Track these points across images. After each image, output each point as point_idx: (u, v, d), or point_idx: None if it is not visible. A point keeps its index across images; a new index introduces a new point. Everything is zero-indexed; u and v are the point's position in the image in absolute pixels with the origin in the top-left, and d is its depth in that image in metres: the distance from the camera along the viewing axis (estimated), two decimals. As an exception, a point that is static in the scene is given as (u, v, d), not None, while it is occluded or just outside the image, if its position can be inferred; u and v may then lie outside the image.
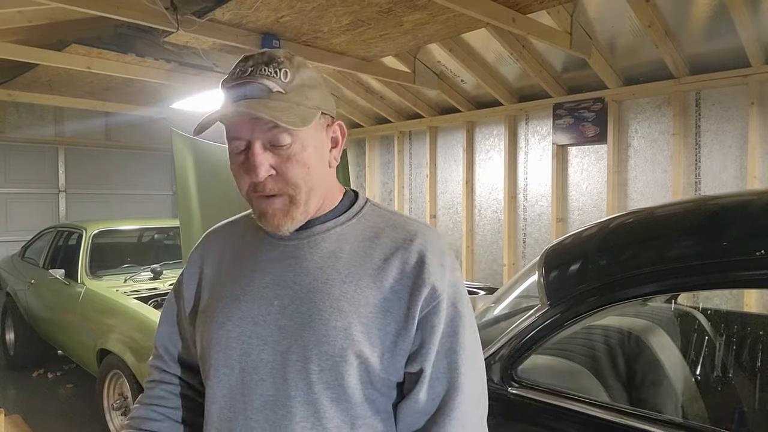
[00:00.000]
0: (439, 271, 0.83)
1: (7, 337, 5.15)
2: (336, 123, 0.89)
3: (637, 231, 1.46)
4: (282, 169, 0.82)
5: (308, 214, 0.86)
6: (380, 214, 0.92)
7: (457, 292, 0.85)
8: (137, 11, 3.22)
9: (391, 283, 0.83)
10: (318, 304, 0.82)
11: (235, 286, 0.90)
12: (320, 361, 0.80)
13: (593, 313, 1.38)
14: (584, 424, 1.32)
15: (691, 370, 1.73)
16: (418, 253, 0.84)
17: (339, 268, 0.85)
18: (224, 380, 0.86)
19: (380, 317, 0.81)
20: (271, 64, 0.82)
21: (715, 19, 3.48)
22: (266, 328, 0.84)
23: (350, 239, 0.88)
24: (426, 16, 3.54)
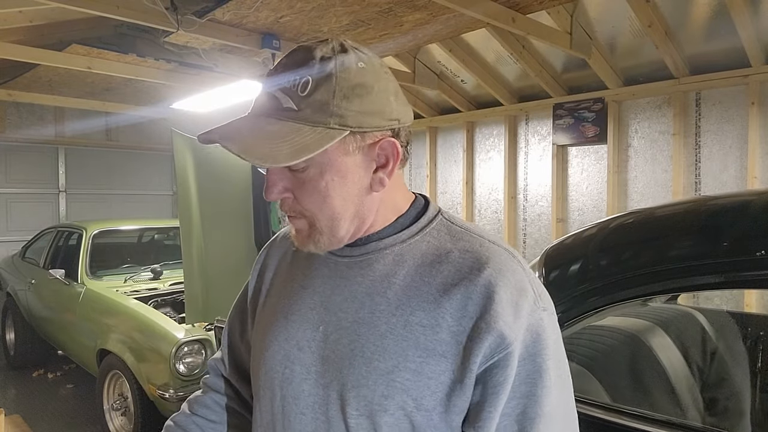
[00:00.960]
0: (512, 312, 0.66)
1: (8, 337, 5.15)
2: (385, 139, 0.71)
3: (638, 231, 1.46)
4: (297, 194, 0.72)
5: (339, 240, 0.74)
6: (451, 230, 0.75)
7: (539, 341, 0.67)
8: (137, 11, 3.22)
9: (450, 322, 0.67)
10: (361, 338, 0.70)
11: (286, 301, 0.80)
12: (358, 405, 0.68)
13: (593, 314, 1.38)
14: (584, 424, 1.32)
15: (691, 370, 1.73)
16: (485, 287, 0.67)
17: (390, 297, 0.71)
18: (267, 405, 0.78)
19: (433, 363, 0.67)
20: (298, 68, 0.68)
21: (715, 19, 3.48)
22: (310, 356, 0.74)
23: (409, 261, 0.73)
24: (426, 16, 3.54)
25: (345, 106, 0.67)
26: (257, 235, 3.62)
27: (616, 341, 1.74)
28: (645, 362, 1.67)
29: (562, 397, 0.69)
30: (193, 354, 3.01)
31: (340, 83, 0.67)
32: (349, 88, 0.67)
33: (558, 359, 0.69)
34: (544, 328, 0.69)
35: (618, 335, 1.76)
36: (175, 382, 2.91)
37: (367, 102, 0.68)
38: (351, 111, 0.67)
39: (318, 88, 0.67)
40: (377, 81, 0.70)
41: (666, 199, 4.10)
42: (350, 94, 0.67)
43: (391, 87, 0.72)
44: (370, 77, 0.69)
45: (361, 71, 0.69)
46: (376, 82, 0.70)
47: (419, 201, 0.80)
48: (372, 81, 0.69)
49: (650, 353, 1.66)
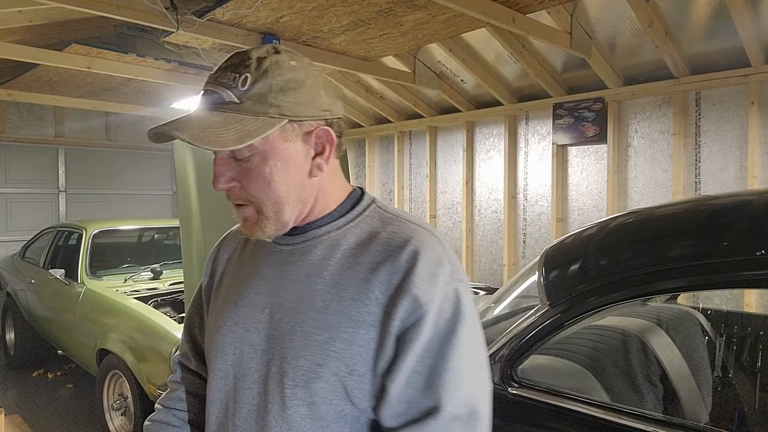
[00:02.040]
0: (428, 280, 0.74)
1: (8, 337, 5.15)
2: (320, 128, 0.80)
3: (637, 231, 1.46)
4: (243, 182, 0.79)
5: (284, 225, 0.82)
6: (382, 217, 0.84)
7: (453, 307, 0.75)
8: (137, 11, 3.22)
9: (378, 294, 0.75)
10: (301, 315, 0.79)
11: (235, 289, 0.89)
12: (295, 375, 0.76)
13: (593, 313, 1.38)
14: (584, 424, 1.32)
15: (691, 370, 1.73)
16: (407, 261, 0.75)
17: (326, 278, 0.79)
18: (221, 384, 0.85)
19: (363, 332, 0.75)
20: (237, 68, 0.77)
21: (715, 19, 3.48)
22: (257, 335, 0.82)
23: (343, 245, 0.81)
24: (426, 16, 3.54)
25: (281, 98, 0.76)
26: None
27: (616, 341, 1.74)
28: (645, 362, 1.67)
29: (472, 360, 0.75)
30: (193, 354, 3.00)
31: (276, 78, 0.76)
32: (283, 82, 0.76)
33: (471, 326, 0.76)
34: (458, 297, 0.76)
35: (618, 335, 1.76)
36: (175, 382, 2.91)
37: (300, 94, 0.77)
38: (287, 102, 0.76)
39: (256, 82, 0.75)
40: (308, 76, 0.79)
41: (666, 199, 4.10)
42: (285, 87, 0.76)
43: (321, 82, 0.80)
44: (301, 73, 0.78)
45: (293, 68, 0.78)
46: (307, 77, 0.79)
47: (356, 192, 0.88)
48: (303, 76, 0.78)
49: (650, 353, 1.66)
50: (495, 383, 1.50)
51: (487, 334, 1.65)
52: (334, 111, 0.82)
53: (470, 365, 0.75)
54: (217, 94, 0.76)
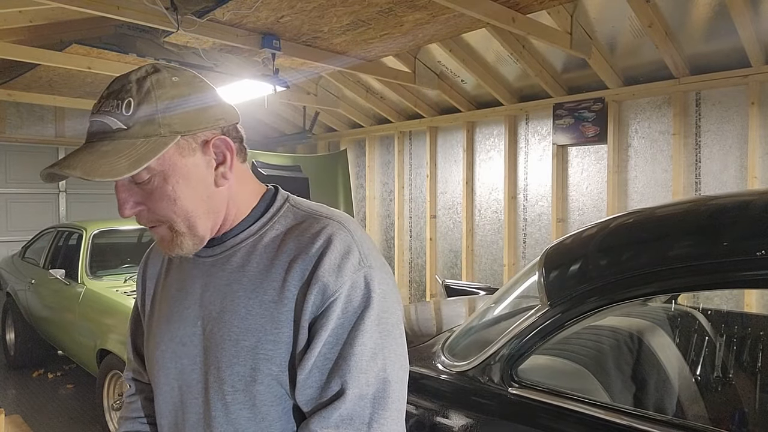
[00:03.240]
0: (334, 272, 0.75)
1: (8, 337, 5.15)
2: (216, 137, 0.79)
3: (638, 231, 1.46)
4: (149, 205, 0.78)
5: (201, 238, 0.82)
6: (296, 214, 0.85)
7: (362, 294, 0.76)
8: (137, 11, 3.22)
9: (294, 292, 0.77)
10: (227, 324, 0.80)
11: (166, 305, 0.90)
12: (233, 381, 0.79)
13: (593, 314, 1.38)
14: (584, 424, 1.32)
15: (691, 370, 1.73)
16: (316, 256, 0.77)
17: (245, 284, 0.81)
18: (167, 397, 0.87)
19: (286, 330, 0.77)
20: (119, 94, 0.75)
21: (716, 19, 3.48)
22: (193, 348, 0.84)
23: (260, 249, 0.82)
24: (426, 16, 3.54)
25: (169, 116, 0.75)
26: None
27: (616, 341, 1.74)
28: (645, 362, 1.67)
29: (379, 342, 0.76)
30: (193, 354, 3.00)
31: (160, 97, 0.75)
32: (168, 99, 0.76)
33: (380, 309, 0.77)
34: (368, 283, 0.77)
35: (618, 335, 1.76)
36: (175, 382, 2.91)
37: (188, 108, 0.77)
38: (176, 119, 0.75)
39: (141, 105, 0.74)
40: (192, 90, 0.78)
41: (666, 199, 4.10)
42: (171, 104, 0.76)
43: (208, 93, 0.81)
44: (184, 88, 0.78)
45: (175, 84, 0.77)
46: (192, 91, 0.78)
47: (269, 192, 0.89)
48: (187, 91, 0.78)
49: (650, 353, 1.66)
50: (495, 383, 1.50)
51: (487, 334, 1.65)
52: (228, 118, 0.82)
53: (377, 347, 0.76)
54: (103, 124, 0.75)
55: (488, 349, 1.53)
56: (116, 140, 0.74)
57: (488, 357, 1.52)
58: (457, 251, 5.64)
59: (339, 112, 6.42)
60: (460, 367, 1.60)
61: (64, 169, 0.73)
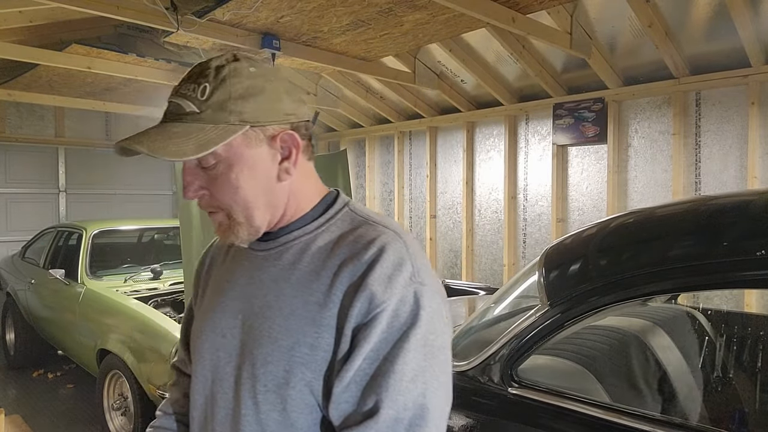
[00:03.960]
0: (384, 283, 0.73)
1: (7, 337, 5.15)
2: (284, 132, 0.80)
3: (638, 231, 1.46)
4: (211, 190, 0.80)
5: (257, 229, 0.82)
6: (353, 220, 0.84)
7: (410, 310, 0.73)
8: (137, 11, 3.22)
9: (340, 297, 0.75)
10: (269, 320, 0.79)
11: (213, 296, 0.90)
12: (266, 381, 0.77)
13: (593, 313, 1.38)
14: (584, 424, 1.32)
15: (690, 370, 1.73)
16: (367, 263, 0.75)
17: (293, 282, 0.80)
18: (200, 389, 0.87)
19: (327, 336, 0.75)
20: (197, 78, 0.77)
21: (715, 19, 3.48)
22: (232, 341, 0.83)
23: (312, 249, 0.81)
24: (426, 16, 3.54)
25: (241, 105, 0.76)
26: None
27: (616, 341, 1.74)
28: (645, 362, 1.67)
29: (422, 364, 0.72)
30: (193, 354, 3.00)
31: (235, 85, 0.76)
32: (243, 89, 0.76)
33: (427, 330, 0.73)
34: (417, 300, 0.74)
35: (618, 335, 1.76)
36: (175, 382, 2.91)
37: (261, 100, 0.77)
38: (247, 108, 0.76)
39: (215, 91, 0.76)
40: (268, 82, 0.79)
41: (666, 199, 4.10)
42: (245, 94, 0.76)
43: (282, 87, 0.81)
44: (260, 80, 0.78)
45: (252, 75, 0.78)
46: (267, 83, 0.79)
47: (330, 194, 0.88)
48: (263, 82, 0.78)
49: (650, 353, 1.66)
50: (495, 383, 1.50)
51: (487, 334, 1.65)
52: (299, 114, 0.82)
53: (418, 369, 0.72)
54: (178, 105, 0.77)
55: (488, 349, 1.53)
56: (187, 123, 0.76)
57: (488, 357, 1.52)
58: (457, 251, 5.64)
59: (339, 112, 6.42)
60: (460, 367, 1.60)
61: (133, 144, 0.75)
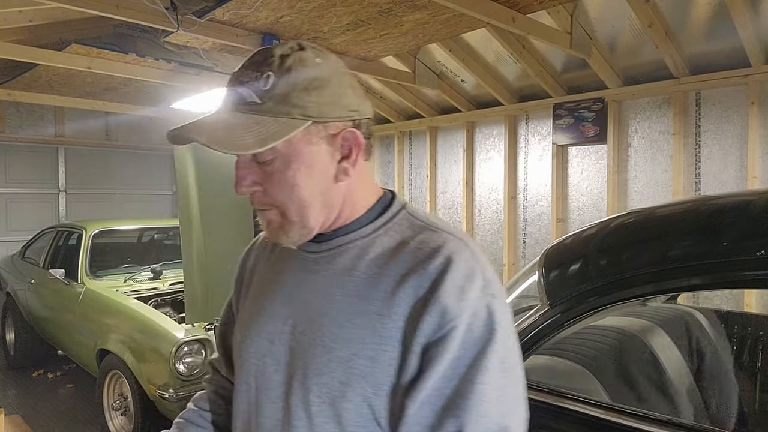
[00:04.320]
0: (457, 293, 0.68)
1: (7, 337, 5.15)
2: (346, 130, 0.75)
3: (638, 231, 1.46)
4: (265, 186, 0.75)
5: (310, 231, 0.77)
6: (412, 224, 0.78)
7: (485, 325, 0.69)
8: (137, 11, 3.22)
9: (404, 309, 0.70)
10: (323, 328, 0.74)
11: (258, 297, 0.86)
12: (320, 392, 0.72)
13: (593, 313, 1.38)
14: (584, 424, 1.32)
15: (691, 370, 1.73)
16: (435, 274, 0.70)
17: (350, 289, 0.74)
18: (244, 396, 0.83)
19: (389, 349, 0.70)
20: (260, 66, 0.73)
21: (715, 19, 3.48)
22: (280, 347, 0.78)
23: (370, 254, 0.76)
24: (426, 16, 3.54)
25: (305, 98, 0.71)
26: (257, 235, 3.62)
27: (616, 341, 1.74)
28: (645, 362, 1.67)
29: (502, 383, 0.69)
30: (193, 354, 3.00)
31: (299, 77, 0.71)
32: (307, 81, 0.71)
33: (504, 345, 0.70)
34: (490, 314, 0.70)
35: (618, 335, 1.76)
36: (175, 382, 2.91)
37: (325, 94, 0.72)
38: (311, 102, 0.71)
39: (279, 82, 0.71)
40: (334, 75, 0.74)
41: (666, 199, 4.10)
42: (309, 86, 0.71)
43: (347, 81, 0.76)
44: (326, 71, 0.73)
45: (318, 66, 0.73)
46: (333, 75, 0.74)
47: (386, 196, 0.83)
48: (329, 74, 0.73)
49: (650, 353, 1.66)
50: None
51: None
52: (362, 111, 0.77)
53: (500, 389, 0.68)
54: (238, 94, 0.72)
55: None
56: (247, 113, 0.71)
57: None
58: (457, 251, 5.63)
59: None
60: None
61: (191, 133, 0.71)
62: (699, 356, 1.77)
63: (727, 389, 1.70)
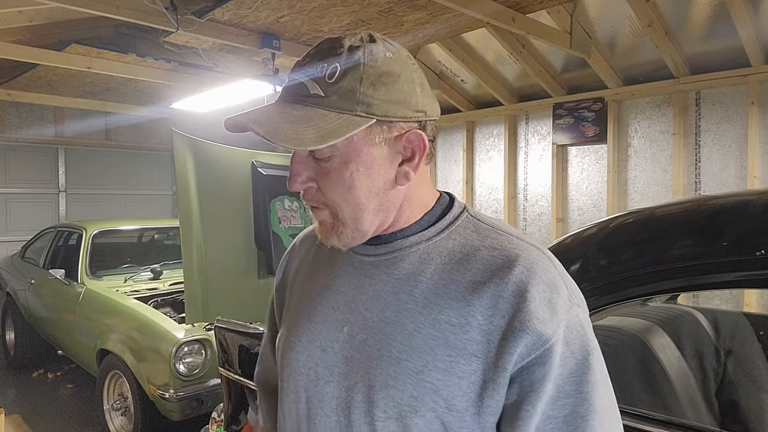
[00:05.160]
0: (547, 309, 0.64)
1: (7, 337, 5.15)
2: (412, 131, 0.70)
3: (638, 231, 1.46)
4: (321, 184, 0.71)
5: (363, 234, 0.73)
6: (478, 228, 0.74)
7: (580, 337, 0.66)
8: (137, 11, 3.22)
9: (480, 320, 0.66)
10: (388, 338, 0.69)
11: (308, 302, 0.80)
12: (387, 407, 0.67)
13: (593, 313, 1.38)
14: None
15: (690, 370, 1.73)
16: (517, 285, 0.65)
17: (416, 296, 0.70)
18: (293, 408, 0.77)
19: (463, 362, 0.65)
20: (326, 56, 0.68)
21: (715, 19, 3.48)
22: (334, 356, 0.73)
23: (435, 259, 0.72)
24: (426, 15, 3.55)
25: (371, 94, 0.67)
26: (257, 235, 3.62)
27: (616, 341, 1.74)
28: (645, 362, 1.67)
29: (608, 394, 0.67)
30: (193, 354, 3.01)
31: (368, 71, 0.67)
32: (376, 76, 0.67)
33: (599, 355, 0.68)
34: (581, 324, 0.67)
35: (618, 335, 1.76)
36: (175, 382, 2.91)
37: (393, 91, 0.68)
38: (377, 99, 0.67)
39: (346, 75, 0.66)
40: (404, 71, 0.69)
41: (666, 199, 4.10)
42: (377, 82, 0.67)
43: (417, 78, 0.71)
44: (396, 66, 0.69)
45: (388, 60, 0.68)
46: (403, 71, 0.69)
47: (444, 198, 0.79)
48: (399, 70, 0.69)
49: (650, 353, 1.66)
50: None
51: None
52: (430, 112, 0.72)
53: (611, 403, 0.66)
54: (302, 85, 0.68)
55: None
56: (309, 106, 0.67)
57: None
58: (457, 251, 5.64)
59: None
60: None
61: (251, 123, 0.67)
62: (699, 356, 1.77)
63: (727, 389, 1.71)
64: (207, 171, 3.36)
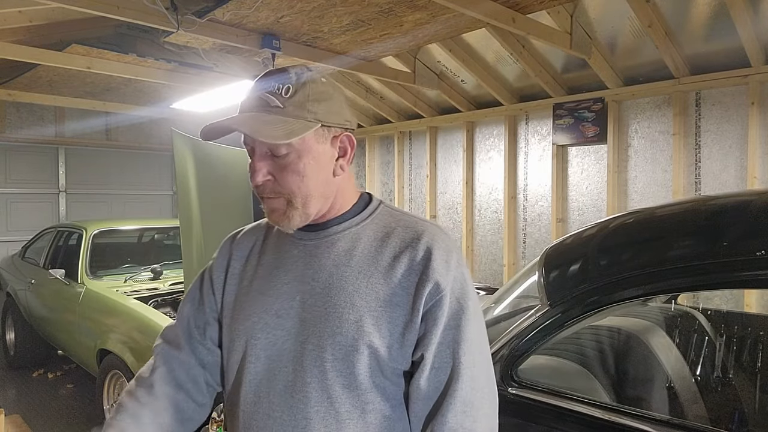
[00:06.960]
0: (444, 267, 0.89)
1: (7, 337, 5.15)
2: (344, 134, 0.94)
3: (638, 231, 1.46)
4: (278, 176, 0.91)
5: (308, 217, 0.93)
6: (392, 215, 0.99)
7: (462, 288, 0.91)
8: (137, 11, 3.22)
9: (399, 278, 0.90)
10: (333, 299, 0.91)
11: (261, 282, 0.99)
12: (333, 350, 0.88)
13: (593, 314, 1.38)
14: (584, 425, 1.32)
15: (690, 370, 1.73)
16: (424, 251, 0.90)
17: (353, 266, 0.92)
18: (251, 368, 0.94)
19: (389, 310, 0.89)
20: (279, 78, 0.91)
21: (715, 19, 3.48)
22: (289, 320, 0.93)
23: (363, 239, 0.95)
24: (426, 16, 3.55)
25: (316, 107, 0.90)
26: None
27: (616, 341, 1.74)
28: (645, 362, 1.67)
29: (479, 328, 0.92)
30: (193, 354, 3.00)
31: (312, 90, 0.91)
32: (317, 94, 0.91)
33: (474, 301, 0.92)
34: (465, 280, 0.92)
35: (618, 335, 1.76)
36: (175, 382, 2.91)
37: (330, 104, 0.92)
38: (320, 110, 0.90)
39: (297, 92, 0.90)
40: (335, 91, 0.95)
41: (666, 199, 4.10)
42: (319, 98, 0.91)
43: (343, 97, 0.96)
44: (330, 88, 0.93)
45: (324, 83, 0.93)
46: (335, 92, 0.94)
47: (365, 195, 1.02)
48: (332, 91, 0.94)
49: (650, 353, 1.66)
50: (495, 383, 1.50)
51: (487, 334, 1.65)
52: (352, 123, 0.97)
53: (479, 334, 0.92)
54: (265, 100, 0.90)
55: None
56: (273, 114, 0.89)
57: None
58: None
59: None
60: (460, 367, 1.60)
61: (235, 125, 0.88)
62: (699, 356, 1.77)
63: (727, 389, 1.71)
64: (207, 171, 3.36)
